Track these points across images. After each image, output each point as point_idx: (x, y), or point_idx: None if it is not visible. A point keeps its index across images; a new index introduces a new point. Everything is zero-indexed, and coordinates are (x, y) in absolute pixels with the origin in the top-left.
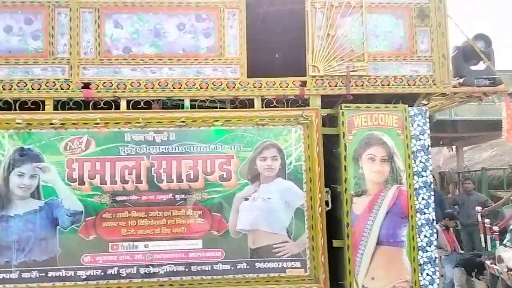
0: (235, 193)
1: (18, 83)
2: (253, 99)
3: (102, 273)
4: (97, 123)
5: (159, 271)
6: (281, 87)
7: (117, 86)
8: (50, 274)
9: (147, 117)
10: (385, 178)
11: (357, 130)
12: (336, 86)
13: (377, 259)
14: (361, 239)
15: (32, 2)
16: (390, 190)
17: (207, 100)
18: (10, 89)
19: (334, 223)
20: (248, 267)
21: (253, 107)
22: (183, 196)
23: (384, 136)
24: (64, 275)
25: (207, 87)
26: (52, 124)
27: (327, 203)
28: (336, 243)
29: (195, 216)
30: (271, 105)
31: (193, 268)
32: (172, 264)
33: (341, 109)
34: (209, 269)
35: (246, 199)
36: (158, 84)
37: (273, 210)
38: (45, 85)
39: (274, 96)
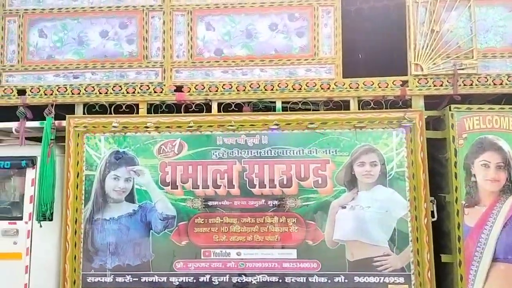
0: (331, 201)
1: (114, 87)
2: (348, 101)
3: (194, 280)
4: (191, 126)
5: (251, 281)
6: (380, 87)
7: (209, 88)
8: (143, 279)
9: (240, 120)
10: (501, 187)
11: (468, 133)
12: (441, 85)
13: (493, 277)
14: (474, 255)
15: (127, 7)
16: (507, 201)
17: (300, 102)
18: (106, 93)
19: (440, 236)
20: (346, 280)
21: (348, 109)
22: (276, 202)
23: (499, 140)
24: (157, 280)
25: (300, 89)
26: (146, 127)
27: (432, 214)
28: (445, 258)
29: (289, 223)
30: (367, 106)
31: (287, 279)
32: (265, 274)
33: (450, 110)
34: (304, 281)
35: (343, 207)
36: (250, 86)
37: (373, 220)
38: (139, 88)
39: (372, 97)
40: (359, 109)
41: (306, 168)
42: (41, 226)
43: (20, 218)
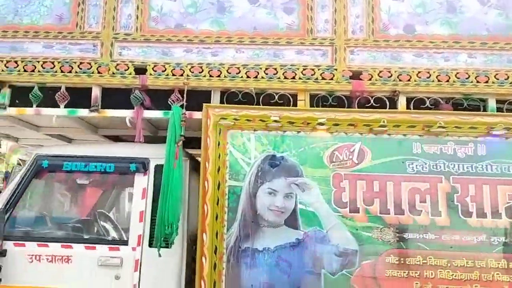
0: None
1: (267, 69)
2: None
3: None
4: (384, 126)
5: None
6: None
7: (398, 77)
8: None
9: (448, 121)
10: None
11: None
12: None
13: None
14: None
15: None
16: None
17: None
18: (256, 77)
19: None
20: None
21: None
22: (503, 239)
23: None
24: None
25: None
26: (321, 124)
27: None
28: None
29: None
30: None
31: None
32: None
33: None
34: None
35: None
36: (456, 75)
37: None
38: (302, 73)
39: None
40: None
41: None
42: (160, 255)
43: (122, 242)
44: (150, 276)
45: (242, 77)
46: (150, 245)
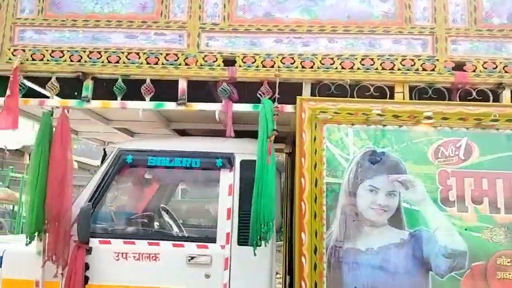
0: None
1: (363, 60)
2: None
3: None
4: (496, 120)
5: None
6: None
7: (503, 68)
8: None
9: None
10: None
11: None
12: None
13: None
14: None
15: None
16: None
17: None
18: (352, 67)
19: None
20: None
21: None
22: None
23: None
24: None
25: None
26: (428, 118)
27: None
28: None
29: None
30: None
31: None
32: None
33: None
34: None
35: None
36: None
37: None
38: (401, 64)
39: None
40: None
41: None
42: (255, 254)
43: (210, 240)
44: (240, 274)
45: (336, 68)
46: (239, 243)
